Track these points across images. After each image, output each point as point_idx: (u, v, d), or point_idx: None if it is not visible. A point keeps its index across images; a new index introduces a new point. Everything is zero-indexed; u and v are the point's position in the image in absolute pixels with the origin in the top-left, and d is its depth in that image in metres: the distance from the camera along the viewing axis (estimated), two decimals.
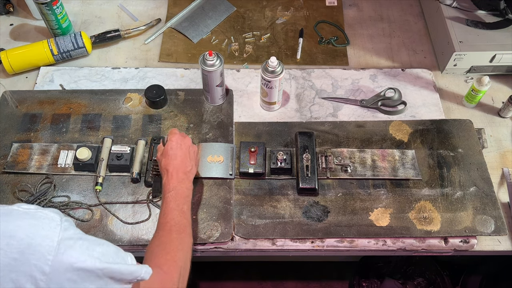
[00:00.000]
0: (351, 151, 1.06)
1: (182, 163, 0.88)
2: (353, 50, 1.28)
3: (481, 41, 1.16)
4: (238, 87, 1.19)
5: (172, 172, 0.87)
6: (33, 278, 0.54)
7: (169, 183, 0.85)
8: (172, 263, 0.74)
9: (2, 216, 0.56)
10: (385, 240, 0.97)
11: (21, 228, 0.55)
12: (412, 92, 1.18)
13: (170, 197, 0.83)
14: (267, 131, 1.10)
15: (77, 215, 0.96)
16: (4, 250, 0.53)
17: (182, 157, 0.89)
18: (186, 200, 0.84)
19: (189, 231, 0.81)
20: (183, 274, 0.76)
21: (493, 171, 1.05)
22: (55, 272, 0.55)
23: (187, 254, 0.79)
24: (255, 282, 1.70)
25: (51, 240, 0.56)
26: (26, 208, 0.59)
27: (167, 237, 0.78)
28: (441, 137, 1.09)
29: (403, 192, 1.01)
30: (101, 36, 1.24)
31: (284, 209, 0.99)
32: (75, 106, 1.12)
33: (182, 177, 0.86)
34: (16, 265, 0.54)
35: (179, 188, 0.84)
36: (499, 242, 0.97)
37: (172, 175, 0.86)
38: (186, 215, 0.83)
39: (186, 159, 0.89)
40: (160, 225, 0.81)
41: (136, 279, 0.65)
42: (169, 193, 0.83)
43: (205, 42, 1.28)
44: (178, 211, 0.82)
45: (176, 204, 0.82)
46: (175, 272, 0.74)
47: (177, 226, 0.80)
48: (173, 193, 0.83)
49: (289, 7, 1.37)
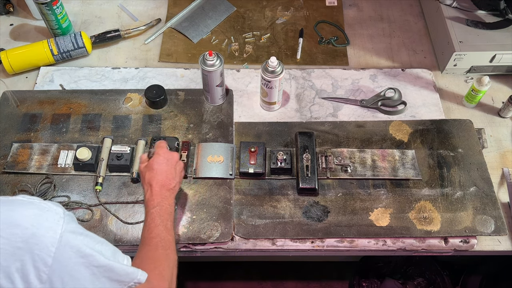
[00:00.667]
0: (351, 151, 1.06)
1: (166, 180, 0.85)
2: (353, 50, 1.28)
3: (481, 41, 1.16)
4: (238, 87, 1.19)
5: (155, 187, 0.84)
6: (36, 269, 0.55)
7: (153, 199, 0.83)
8: (161, 277, 0.74)
9: (6, 205, 0.57)
10: (385, 240, 0.97)
11: (26, 218, 0.56)
12: (412, 92, 1.18)
13: (155, 213, 0.81)
14: (267, 131, 1.10)
15: (77, 215, 0.96)
16: (9, 239, 0.54)
17: (167, 173, 0.86)
18: (170, 216, 0.83)
19: (173, 248, 0.80)
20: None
21: (493, 171, 1.05)
22: (57, 265, 0.56)
23: (173, 270, 0.78)
24: (255, 282, 1.70)
25: (54, 232, 0.57)
26: (30, 198, 0.60)
27: (154, 252, 0.77)
28: (441, 137, 1.09)
29: (403, 192, 1.01)
30: (101, 36, 1.24)
31: (284, 209, 0.99)
32: (75, 106, 1.12)
33: (165, 194, 0.84)
34: (20, 254, 0.54)
35: (163, 204, 0.83)
36: (499, 242, 0.97)
37: (156, 191, 0.84)
38: (171, 232, 0.81)
39: (171, 175, 0.86)
40: (146, 240, 0.79)
41: (133, 281, 0.65)
42: (153, 209, 0.82)
43: (205, 42, 1.28)
44: (163, 227, 0.80)
45: (161, 220, 0.81)
46: (164, 286, 0.73)
47: (162, 242, 0.79)
48: (158, 209, 0.82)
49: (289, 7, 1.37)
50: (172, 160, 0.88)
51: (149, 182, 0.85)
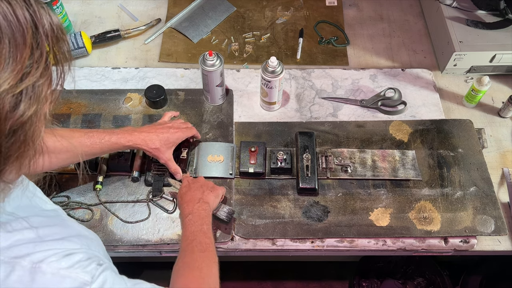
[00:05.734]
0: (351, 151, 1.06)
1: (192, 197, 0.89)
2: (353, 50, 1.28)
3: (481, 41, 1.16)
4: (238, 87, 1.19)
5: (184, 204, 0.88)
6: None
7: (185, 210, 0.87)
8: (199, 279, 0.74)
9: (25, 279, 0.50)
10: (385, 240, 0.97)
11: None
12: (412, 92, 1.18)
13: (188, 222, 0.84)
14: (267, 131, 1.10)
15: (77, 215, 0.96)
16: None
17: (192, 193, 0.90)
18: (204, 220, 0.85)
19: (212, 249, 0.81)
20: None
21: (493, 171, 1.05)
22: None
23: (213, 270, 0.78)
24: (255, 282, 1.70)
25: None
26: (56, 268, 0.52)
27: (190, 256, 0.78)
28: (441, 137, 1.09)
29: (403, 192, 1.01)
30: (101, 36, 1.24)
31: (284, 209, 0.99)
32: (75, 106, 1.12)
33: (196, 203, 0.88)
34: None
35: (195, 211, 0.85)
36: (499, 242, 0.97)
37: (188, 204, 0.88)
38: (208, 234, 0.83)
39: (195, 192, 0.90)
40: (183, 248, 0.81)
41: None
42: (186, 218, 0.85)
43: (205, 42, 1.28)
44: (198, 231, 0.82)
45: (195, 226, 0.83)
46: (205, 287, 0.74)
47: (199, 245, 0.80)
48: (191, 217, 0.84)
49: (289, 7, 1.37)
50: (195, 181, 0.93)
51: (180, 203, 0.90)
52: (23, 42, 0.43)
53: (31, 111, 0.45)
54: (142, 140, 0.93)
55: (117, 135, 0.91)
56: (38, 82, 0.45)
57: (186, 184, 0.93)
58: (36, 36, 0.45)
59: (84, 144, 0.88)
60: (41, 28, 0.45)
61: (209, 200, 0.89)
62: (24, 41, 0.43)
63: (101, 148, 0.90)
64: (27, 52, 0.44)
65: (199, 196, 0.89)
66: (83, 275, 0.53)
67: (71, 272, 0.52)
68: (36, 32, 0.45)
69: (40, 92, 0.46)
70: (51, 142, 0.80)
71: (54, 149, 0.83)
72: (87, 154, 0.90)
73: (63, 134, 0.87)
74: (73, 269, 0.53)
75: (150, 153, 0.95)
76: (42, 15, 0.46)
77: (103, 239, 0.93)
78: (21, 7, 0.43)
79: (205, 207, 0.87)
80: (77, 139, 0.88)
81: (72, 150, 0.86)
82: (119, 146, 0.92)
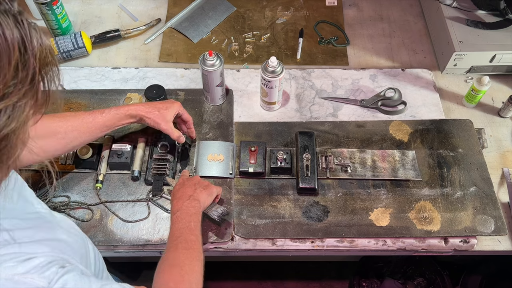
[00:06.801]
0: (351, 151, 1.06)
1: (183, 194, 0.89)
2: (353, 50, 1.28)
3: (481, 41, 1.16)
4: (238, 87, 1.19)
5: (175, 201, 0.88)
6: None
7: (174, 207, 0.86)
8: (179, 277, 0.73)
9: None
10: (385, 240, 0.97)
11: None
12: (412, 92, 1.18)
13: (176, 218, 0.84)
14: (267, 131, 1.10)
15: (77, 215, 0.96)
16: None
17: (183, 190, 0.90)
18: (192, 218, 0.84)
19: (197, 247, 0.80)
20: None
21: (493, 171, 1.05)
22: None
23: (195, 267, 0.77)
24: (255, 282, 1.70)
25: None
26: (10, 274, 0.50)
27: (173, 253, 0.78)
28: (441, 137, 1.09)
29: (403, 192, 1.01)
30: (101, 36, 1.24)
31: (284, 209, 0.99)
32: (75, 106, 1.12)
33: (186, 200, 0.87)
34: None
35: (184, 208, 0.85)
36: (499, 242, 0.97)
37: (178, 201, 0.87)
38: (194, 232, 0.82)
39: (187, 189, 0.90)
40: (167, 245, 0.81)
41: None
42: (174, 215, 0.84)
43: (205, 42, 1.28)
44: (185, 228, 0.82)
45: (182, 222, 0.83)
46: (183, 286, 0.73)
47: (184, 243, 0.79)
48: (179, 214, 0.84)
49: (289, 7, 1.37)
50: (190, 181, 0.93)
51: (171, 200, 0.90)
52: (8, 62, 0.43)
53: (8, 130, 0.45)
54: (142, 109, 0.95)
55: (116, 107, 0.94)
56: (19, 102, 0.45)
57: (180, 181, 0.93)
58: (24, 57, 0.45)
59: (86, 121, 0.90)
60: (30, 50, 0.45)
61: (200, 198, 0.88)
62: (9, 61, 0.43)
63: (103, 122, 0.92)
64: (10, 72, 0.44)
65: (190, 193, 0.88)
66: (38, 280, 0.51)
67: (26, 277, 0.51)
68: (25, 53, 0.45)
69: (21, 112, 0.46)
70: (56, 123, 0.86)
71: (60, 130, 0.87)
72: (91, 131, 0.91)
73: (65, 115, 0.91)
74: (28, 274, 0.51)
75: (150, 120, 0.95)
76: (32, 36, 0.46)
77: (103, 239, 0.94)
78: (11, 27, 0.44)
79: (194, 204, 0.86)
80: (80, 117, 0.91)
81: (78, 128, 0.89)
82: (120, 116, 0.93)
